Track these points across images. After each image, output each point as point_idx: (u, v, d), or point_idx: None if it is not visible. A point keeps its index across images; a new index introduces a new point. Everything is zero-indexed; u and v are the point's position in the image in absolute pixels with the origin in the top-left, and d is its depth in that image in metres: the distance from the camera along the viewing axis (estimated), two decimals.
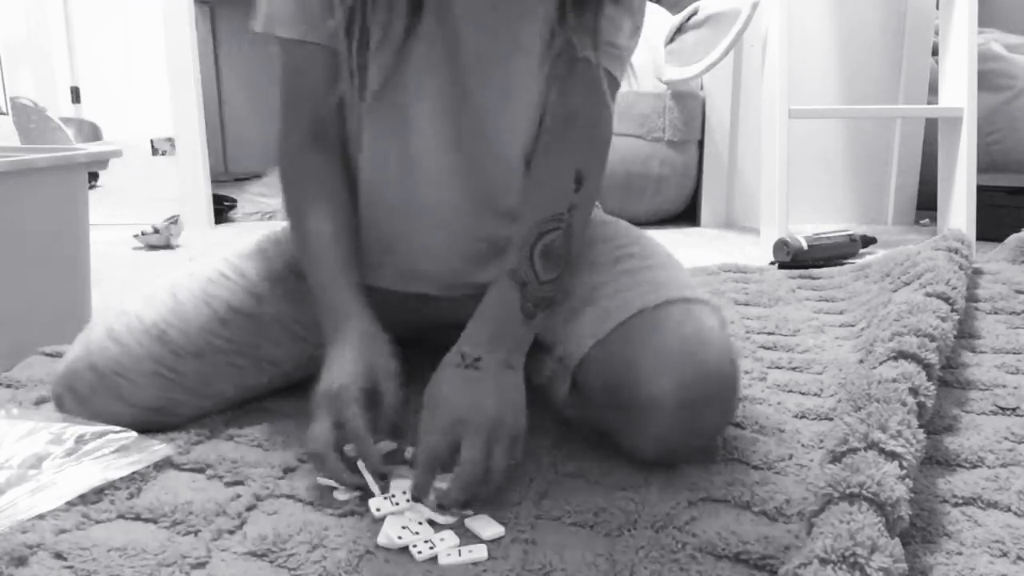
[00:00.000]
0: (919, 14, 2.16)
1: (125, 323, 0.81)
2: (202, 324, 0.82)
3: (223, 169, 3.61)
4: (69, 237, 1.17)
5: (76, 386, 0.79)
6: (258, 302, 0.85)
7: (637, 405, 0.70)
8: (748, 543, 0.60)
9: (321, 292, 0.78)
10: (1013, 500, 0.67)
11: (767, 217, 1.92)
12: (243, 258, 0.88)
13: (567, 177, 0.77)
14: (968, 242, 1.36)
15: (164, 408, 0.81)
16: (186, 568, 0.58)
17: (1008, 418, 0.86)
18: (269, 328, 0.85)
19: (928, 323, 0.85)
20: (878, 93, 2.19)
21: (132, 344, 0.80)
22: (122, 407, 0.79)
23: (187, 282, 0.85)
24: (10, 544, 0.60)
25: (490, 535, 0.63)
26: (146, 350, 0.80)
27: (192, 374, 0.81)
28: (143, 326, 0.80)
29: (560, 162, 0.79)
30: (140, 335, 0.80)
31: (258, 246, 0.90)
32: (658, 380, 0.69)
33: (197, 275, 0.86)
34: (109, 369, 0.79)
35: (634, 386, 0.70)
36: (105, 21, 4.02)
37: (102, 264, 1.71)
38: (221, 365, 0.83)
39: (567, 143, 0.80)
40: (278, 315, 0.86)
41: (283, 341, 0.86)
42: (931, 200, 2.01)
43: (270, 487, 0.71)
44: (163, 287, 0.85)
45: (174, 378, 0.81)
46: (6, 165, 1.03)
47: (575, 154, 0.79)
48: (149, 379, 0.80)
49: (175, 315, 0.81)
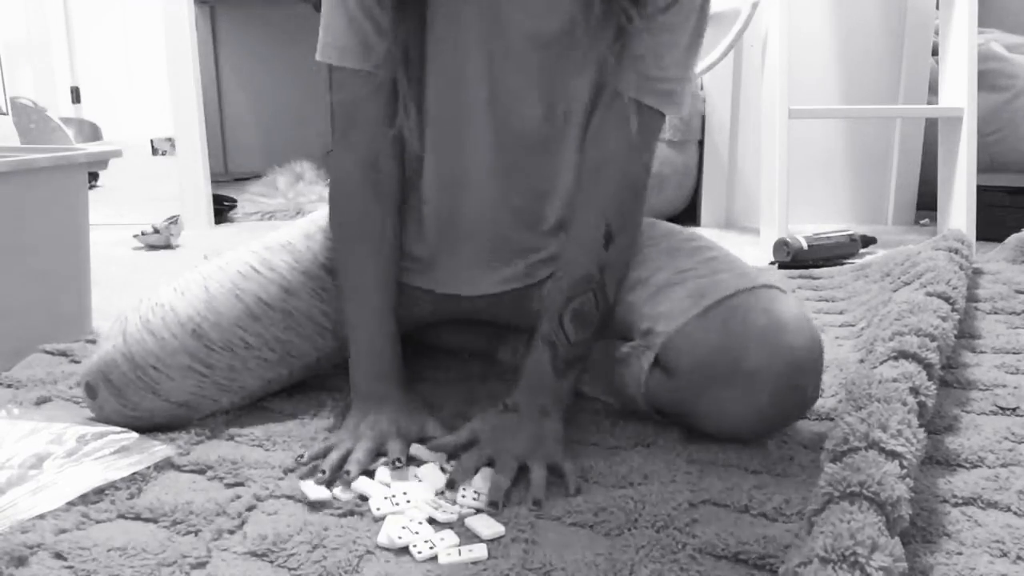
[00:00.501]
0: (919, 14, 2.15)
1: (161, 316, 0.82)
2: (234, 319, 0.84)
3: (223, 169, 3.60)
4: (69, 237, 1.17)
5: (112, 377, 0.81)
6: (287, 295, 0.86)
7: (740, 377, 0.73)
8: (747, 543, 0.60)
9: (359, 334, 0.83)
10: (1013, 500, 0.67)
11: (767, 217, 1.92)
12: (272, 251, 0.89)
13: (597, 235, 0.79)
14: (968, 242, 1.36)
15: (191, 403, 0.83)
16: (186, 568, 0.58)
17: (1008, 418, 0.86)
18: (297, 322, 0.87)
19: (929, 323, 0.85)
20: (878, 93, 2.19)
21: (168, 337, 0.81)
22: (154, 401, 0.81)
23: (218, 275, 0.87)
24: (10, 544, 0.60)
25: (490, 535, 0.63)
26: (181, 344, 0.81)
27: (222, 368, 0.83)
28: (178, 320, 0.82)
29: (589, 218, 0.80)
30: (176, 328, 0.82)
31: (287, 240, 0.91)
32: (762, 353, 0.72)
33: (227, 268, 0.87)
34: (145, 362, 0.81)
35: (739, 358, 0.73)
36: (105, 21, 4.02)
37: (102, 264, 1.71)
38: (250, 359, 0.85)
39: (597, 196, 0.80)
40: (307, 309, 0.87)
41: (310, 334, 0.88)
42: (931, 200, 2.01)
43: (270, 487, 0.70)
44: (195, 280, 0.86)
45: (206, 372, 0.83)
46: (6, 165, 1.03)
47: (605, 209, 0.80)
48: (183, 373, 0.81)
49: (209, 309, 0.83)
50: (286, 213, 2.50)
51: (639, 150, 0.80)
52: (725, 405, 0.75)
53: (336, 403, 0.89)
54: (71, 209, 1.17)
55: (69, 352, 1.07)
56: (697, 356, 0.75)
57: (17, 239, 1.07)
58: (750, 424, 0.76)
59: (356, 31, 0.76)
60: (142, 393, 0.80)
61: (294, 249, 0.90)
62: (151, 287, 0.89)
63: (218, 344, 0.83)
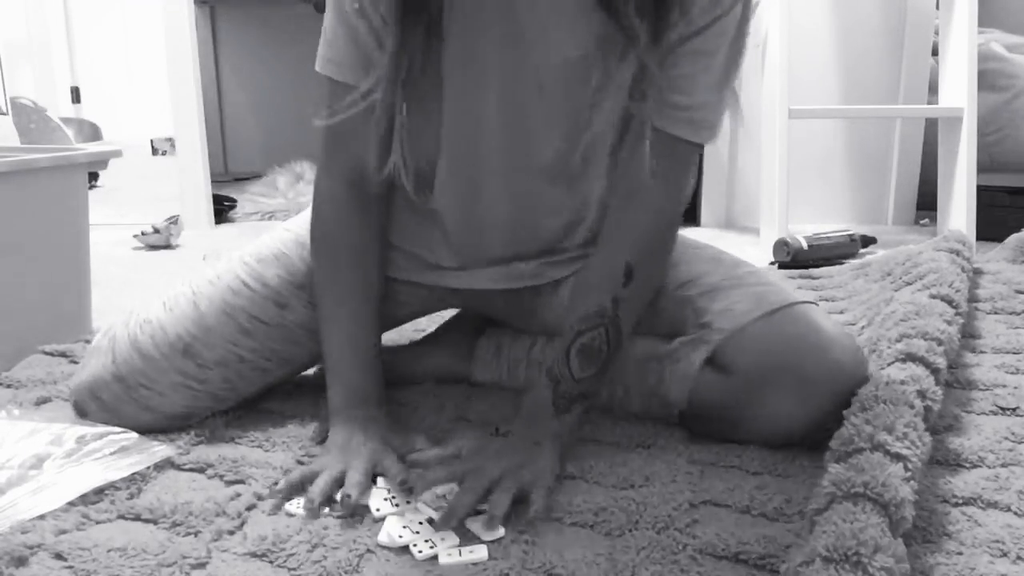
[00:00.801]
0: (919, 14, 2.15)
1: (149, 334, 0.81)
2: (225, 336, 0.82)
3: (223, 169, 3.60)
4: (69, 237, 1.17)
5: (102, 396, 0.80)
6: (282, 310, 0.84)
7: (797, 382, 0.74)
8: (748, 543, 0.60)
9: (335, 361, 0.81)
10: (1013, 500, 0.67)
11: (767, 217, 1.92)
12: (263, 263, 0.86)
13: (616, 270, 0.76)
14: (969, 243, 1.36)
15: (186, 414, 0.82)
16: (186, 568, 0.58)
17: (1008, 418, 0.86)
18: (292, 332, 0.85)
19: (936, 327, 0.85)
20: (878, 93, 2.19)
21: (157, 357, 0.80)
22: (149, 416, 0.81)
23: (208, 290, 0.84)
24: (10, 544, 0.60)
25: (491, 535, 0.63)
26: (171, 363, 0.80)
27: (218, 381, 0.82)
28: (167, 339, 0.81)
29: (611, 251, 0.77)
30: (165, 348, 0.80)
31: (278, 249, 0.87)
32: (819, 363, 0.74)
33: (218, 284, 0.84)
34: (135, 381, 0.80)
35: (800, 364, 0.74)
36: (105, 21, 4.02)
37: (102, 264, 1.71)
38: (246, 371, 0.84)
39: (622, 231, 0.78)
40: (302, 320, 0.85)
41: (306, 342, 0.86)
42: (931, 200, 2.01)
43: (270, 487, 0.70)
44: (184, 294, 0.84)
45: (200, 388, 0.82)
46: (6, 165, 1.03)
47: (630, 244, 0.77)
48: (175, 390, 0.81)
49: (198, 327, 0.81)
50: (286, 213, 2.50)
51: (669, 182, 0.77)
52: (779, 408, 0.75)
53: None
54: (71, 209, 1.17)
55: (69, 352, 1.07)
56: (758, 356, 0.76)
57: (17, 239, 1.07)
58: (800, 428, 0.75)
59: (357, 46, 0.73)
60: (135, 410, 0.80)
61: (287, 261, 0.86)
62: (151, 287, 0.89)
63: (211, 362, 0.81)
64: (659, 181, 0.75)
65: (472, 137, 0.78)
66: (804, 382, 0.74)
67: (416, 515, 0.65)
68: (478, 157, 0.79)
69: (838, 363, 0.74)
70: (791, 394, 0.74)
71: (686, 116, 0.74)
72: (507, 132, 0.77)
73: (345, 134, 0.78)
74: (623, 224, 0.77)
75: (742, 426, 0.78)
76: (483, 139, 0.78)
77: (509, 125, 0.77)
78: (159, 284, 1.58)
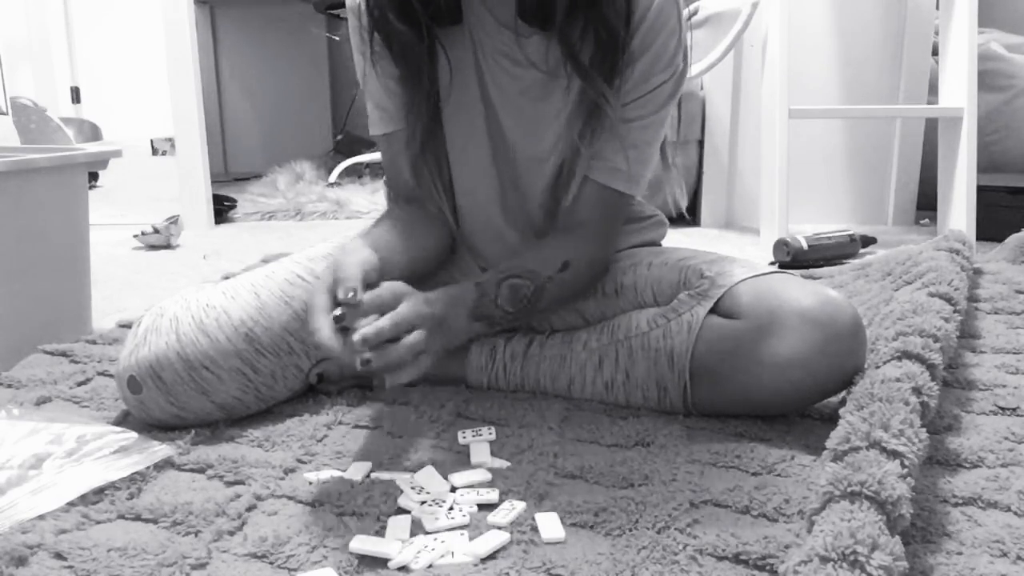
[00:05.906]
0: (919, 14, 2.15)
1: (215, 317, 0.84)
2: (284, 323, 0.87)
3: (223, 169, 3.61)
4: (69, 237, 1.17)
5: (164, 374, 0.81)
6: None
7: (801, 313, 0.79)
8: (748, 544, 0.60)
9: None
10: (1013, 500, 0.67)
11: (767, 217, 1.92)
12: (315, 261, 0.92)
13: (554, 261, 0.87)
14: (969, 243, 1.36)
15: (229, 406, 0.84)
16: (186, 569, 0.58)
17: (1008, 418, 0.86)
18: None
19: (932, 323, 0.84)
20: (878, 93, 2.19)
21: (222, 339, 0.83)
22: (202, 401, 0.82)
23: (266, 283, 0.89)
24: (10, 544, 0.60)
25: (550, 536, 0.62)
26: (234, 346, 0.84)
27: (267, 373, 0.86)
28: (231, 322, 0.84)
29: (551, 251, 0.89)
30: (229, 331, 0.84)
31: (328, 252, 0.94)
32: (822, 294, 0.80)
33: (274, 276, 0.90)
34: (199, 362, 0.82)
35: (801, 299, 0.79)
36: (105, 21, 4.02)
37: (102, 264, 1.71)
38: (290, 367, 0.88)
39: (563, 243, 0.90)
40: None
41: None
42: (931, 200, 2.01)
43: (270, 487, 0.70)
44: (243, 286, 0.89)
45: (253, 377, 0.85)
46: (6, 165, 1.03)
47: (567, 251, 0.89)
48: (232, 375, 0.83)
49: (260, 314, 0.86)
50: (286, 213, 2.50)
51: (598, 225, 0.91)
52: (787, 346, 0.78)
53: (335, 402, 0.90)
54: (71, 209, 1.17)
55: (69, 352, 1.07)
56: (763, 299, 0.81)
57: (17, 239, 1.07)
58: (806, 372, 0.79)
59: (380, 106, 0.93)
60: (191, 393, 0.82)
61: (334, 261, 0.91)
62: (151, 287, 0.89)
63: (268, 348, 0.85)
64: (593, 224, 0.91)
65: (473, 188, 0.95)
66: (806, 320, 0.78)
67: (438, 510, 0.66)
68: (482, 201, 0.96)
69: (832, 300, 0.80)
70: (795, 331, 0.78)
71: (609, 166, 0.88)
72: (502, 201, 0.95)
73: (395, 169, 0.96)
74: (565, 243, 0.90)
75: (751, 372, 0.80)
76: (481, 189, 0.95)
77: (503, 196, 0.95)
78: (159, 284, 1.58)
